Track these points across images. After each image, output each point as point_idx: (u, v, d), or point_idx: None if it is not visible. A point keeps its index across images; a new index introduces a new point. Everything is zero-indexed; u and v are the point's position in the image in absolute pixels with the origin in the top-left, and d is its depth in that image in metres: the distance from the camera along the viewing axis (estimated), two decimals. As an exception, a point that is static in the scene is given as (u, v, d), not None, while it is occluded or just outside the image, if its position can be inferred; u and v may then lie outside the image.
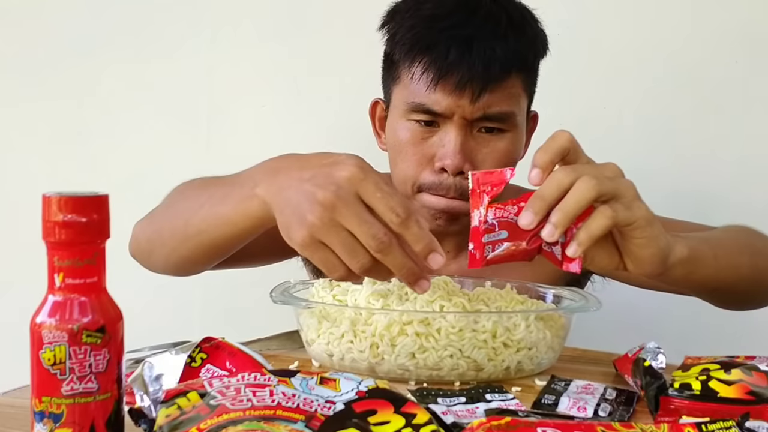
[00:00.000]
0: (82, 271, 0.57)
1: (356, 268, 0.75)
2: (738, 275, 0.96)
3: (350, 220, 0.73)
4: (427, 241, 0.74)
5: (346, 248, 0.74)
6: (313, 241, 0.75)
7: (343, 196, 0.73)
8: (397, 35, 1.09)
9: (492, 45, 1.04)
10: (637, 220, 0.76)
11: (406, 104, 1.07)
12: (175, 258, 1.00)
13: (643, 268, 0.80)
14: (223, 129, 1.69)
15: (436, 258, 0.75)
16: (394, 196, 0.74)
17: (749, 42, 1.47)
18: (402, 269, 0.75)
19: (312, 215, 0.74)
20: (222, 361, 0.70)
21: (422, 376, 0.85)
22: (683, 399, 0.72)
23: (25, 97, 1.77)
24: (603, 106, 1.53)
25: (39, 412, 0.57)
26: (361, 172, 0.74)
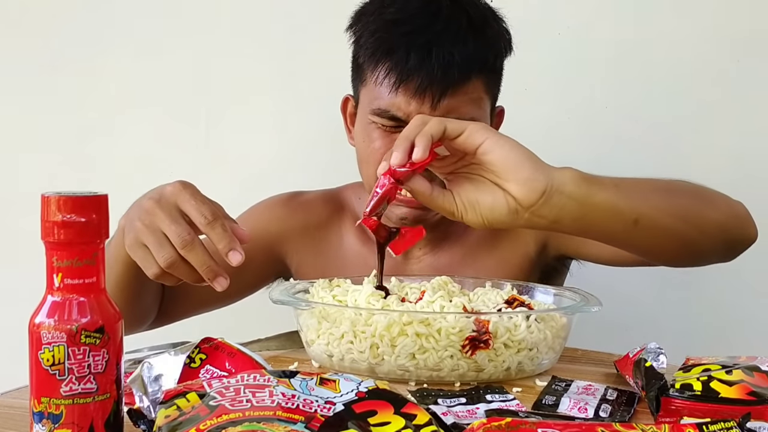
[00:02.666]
0: (81, 271, 0.57)
1: (162, 261, 0.85)
2: (655, 207, 0.92)
3: (164, 222, 0.86)
4: (228, 240, 0.85)
5: (156, 244, 0.86)
6: (136, 242, 0.88)
7: (162, 203, 0.87)
8: (362, 38, 1.11)
9: (451, 49, 1.04)
10: (468, 126, 0.82)
11: (371, 109, 1.09)
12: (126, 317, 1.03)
13: (520, 176, 0.81)
14: (222, 129, 1.69)
15: (236, 255, 0.84)
16: (206, 204, 0.87)
17: (749, 42, 1.47)
18: (203, 266, 0.85)
19: (138, 221, 0.88)
20: (221, 361, 0.70)
21: (422, 377, 0.85)
22: (684, 399, 0.72)
23: (25, 97, 1.77)
24: (604, 106, 1.52)
25: (38, 413, 0.57)
26: (181, 186, 0.88)
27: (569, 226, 0.86)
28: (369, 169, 1.11)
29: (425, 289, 0.94)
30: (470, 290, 1.01)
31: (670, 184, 0.97)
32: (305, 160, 1.65)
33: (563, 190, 0.83)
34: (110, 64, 1.72)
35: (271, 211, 1.26)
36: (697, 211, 0.97)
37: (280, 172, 1.64)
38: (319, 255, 1.24)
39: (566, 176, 0.83)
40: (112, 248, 0.96)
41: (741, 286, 1.52)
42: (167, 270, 0.86)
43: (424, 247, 1.21)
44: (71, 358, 0.56)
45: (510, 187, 0.82)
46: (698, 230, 0.96)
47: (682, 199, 0.97)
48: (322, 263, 1.22)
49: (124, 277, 0.99)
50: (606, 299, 0.93)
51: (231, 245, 0.84)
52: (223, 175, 1.67)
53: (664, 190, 0.95)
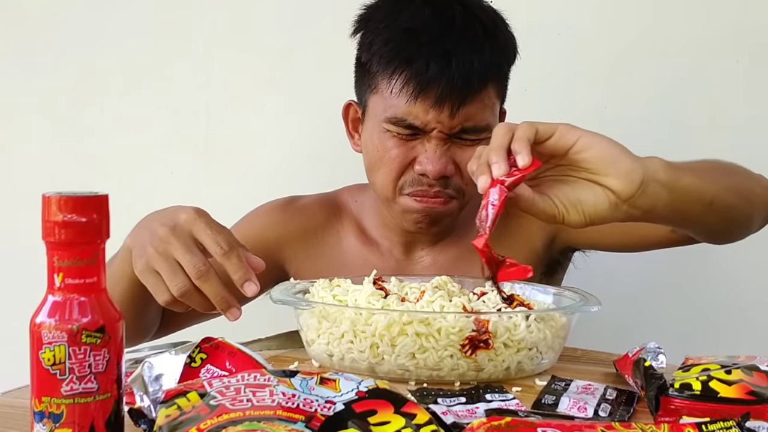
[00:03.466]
0: (81, 271, 0.57)
1: (175, 290, 0.86)
2: (723, 187, 0.93)
3: (178, 251, 0.86)
4: (244, 271, 0.86)
5: (169, 272, 0.86)
6: (148, 267, 0.88)
7: (177, 232, 0.87)
8: (374, 46, 1.09)
9: (470, 58, 1.05)
10: (558, 127, 0.82)
11: (386, 117, 1.08)
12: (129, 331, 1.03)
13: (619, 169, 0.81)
14: (222, 129, 1.69)
15: (251, 286, 0.86)
16: (222, 234, 0.87)
17: (749, 42, 1.47)
18: (217, 297, 0.86)
19: (151, 247, 0.87)
20: (222, 361, 0.70)
21: (422, 377, 0.85)
22: (683, 399, 0.72)
23: (25, 97, 1.77)
24: (604, 106, 1.53)
25: (39, 413, 0.57)
26: (195, 214, 0.88)
27: (661, 213, 0.86)
28: (383, 177, 1.11)
29: (425, 288, 0.94)
30: (470, 290, 1.01)
31: (724, 165, 1.00)
32: (305, 160, 1.65)
33: (657, 178, 0.83)
34: (110, 63, 1.72)
35: (269, 216, 1.26)
36: (749, 187, 1.00)
37: (279, 172, 1.64)
38: (318, 259, 1.23)
39: (657, 164, 0.84)
40: (117, 265, 0.97)
41: (741, 285, 1.52)
42: (179, 299, 0.86)
43: (426, 246, 1.21)
44: (72, 357, 0.56)
45: (609, 182, 0.81)
46: (751, 205, 1.00)
47: (738, 177, 1.00)
48: (321, 267, 1.22)
49: (128, 294, 0.99)
50: (606, 299, 0.93)
51: (247, 276, 0.85)
52: (223, 175, 1.67)
53: (724, 171, 0.98)
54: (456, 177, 1.09)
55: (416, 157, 1.08)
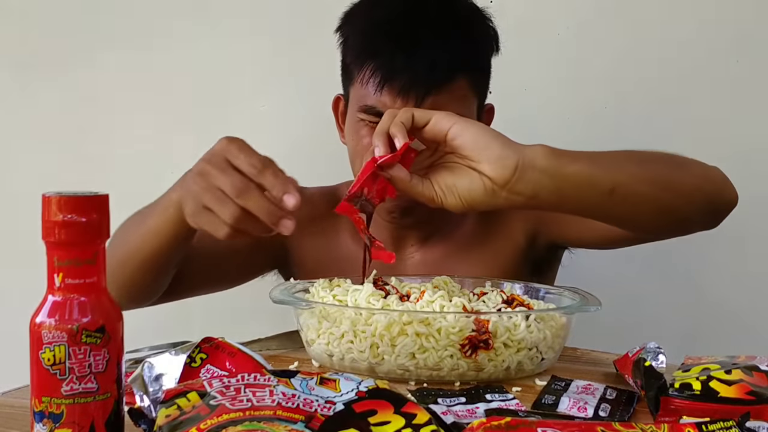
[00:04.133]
0: (81, 271, 0.57)
1: (227, 218, 0.84)
2: (629, 175, 0.93)
3: (217, 178, 0.84)
4: (281, 184, 0.83)
5: (217, 202, 0.84)
6: (197, 207, 0.87)
7: (213, 161, 0.86)
8: (349, 40, 1.14)
9: (435, 50, 1.06)
10: (434, 115, 0.86)
11: (358, 106, 1.11)
12: (123, 286, 1.05)
13: (491, 155, 0.84)
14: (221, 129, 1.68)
15: (291, 198, 0.83)
16: (255, 155, 0.85)
17: (749, 42, 1.47)
18: (262, 210, 0.83)
19: (194, 185, 0.87)
20: (222, 361, 0.70)
21: (422, 377, 0.85)
22: (683, 399, 0.72)
23: (25, 97, 1.77)
24: (604, 106, 1.53)
25: (39, 413, 0.57)
26: (228, 142, 0.87)
27: (546, 200, 0.88)
28: (358, 167, 1.12)
29: (425, 288, 0.94)
30: (470, 289, 1.01)
31: (643, 153, 0.98)
32: (304, 160, 1.64)
33: (535, 164, 0.85)
34: (110, 63, 1.72)
35: None
36: (672, 177, 0.98)
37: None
38: (318, 249, 1.24)
39: (536, 151, 0.86)
40: (153, 221, 0.98)
41: (741, 285, 1.52)
42: (236, 226, 0.84)
43: (415, 243, 1.22)
44: (72, 357, 0.56)
45: (483, 167, 0.85)
46: (674, 195, 0.97)
47: (656, 165, 0.97)
48: (319, 257, 1.23)
49: (159, 251, 1.00)
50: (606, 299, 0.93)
51: (284, 188, 0.83)
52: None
53: (638, 159, 0.96)
54: None
55: None
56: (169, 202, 0.95)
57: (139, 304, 1.11)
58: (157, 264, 1.04)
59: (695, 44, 1.48)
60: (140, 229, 1.02)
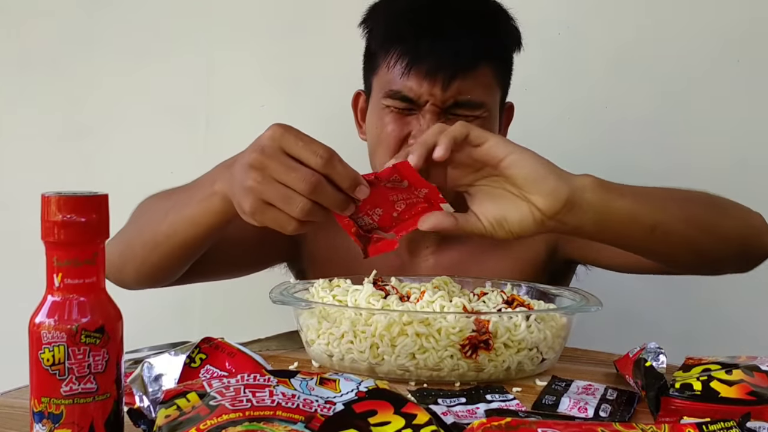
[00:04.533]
0: (81, 271, 0.57)
1: (297, 214, 0.81)
2: (671, 215, 0.94)
3: (279, 172, 0.81)
4: (353, 176, 0.81)
5: (283, 199, 0.81)
6: (258, 204, 0.83)
7: (268, 153, 0.81)
8: (374, 29, 1.15)
9: (461, 35, 1.08)
10: (491, 138, 0.83)
11: (383, 91, 1.11)
12: (147, 267, 1.06)
13: (545, 188, 0.83)
14: (221, 129, 1.68)
15: (362, 189, 0.82)
16: (315, 142, 0.82)
17: (749, 42, 1.47)
18: (336, 204, 0.82)
19: (250, 180, 0.82)
20: (221, 361, 0.70)
21: (422, 377, 0.85)
22: (684, 399, 0.72)
23: (25, 98, 1.77)
24: (604, 106, 1.52)
25: (38, 413, 0.57)
26: (280, 129, 0.82)
27: (590, 232, 0.88)
28: (381, 155, 1.12)
29: (425, 289, 0.94)
30: (470, 290, 1.01)
31: (687, 193, 0.99)
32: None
33: (584, 197, 0.84)
34: (110, 63, 1.72)
35: None
36: (713, 220, 0.99)
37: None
38: (329, 247, 1.23)
39: (586, 184, 0.85)
40: (191, 209, 0.96)
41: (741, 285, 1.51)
42: (304, 219, 0.82)
43: (431, 245, 1.21)
44: (71, 357, 0.56)
45: (535, 199, 0.83)
46: (713, 239, 0.98)
47: (698, 208, 0.98)
48: (330, 255, 1.22)
49: (193, 240, 0.99)
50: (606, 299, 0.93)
51: (357, 180, 0.81)
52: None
53: (681, 199, 0.97)
54: None
55: (410, 133, 1.10)
56: (211, 193, 0.93)
57: (158, 285, 1.10)
58: (189, 251, 1.03)
59: (695, 44, 1.48)
60: (175, 216, 1.00)
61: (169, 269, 1.07)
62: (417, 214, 0.86)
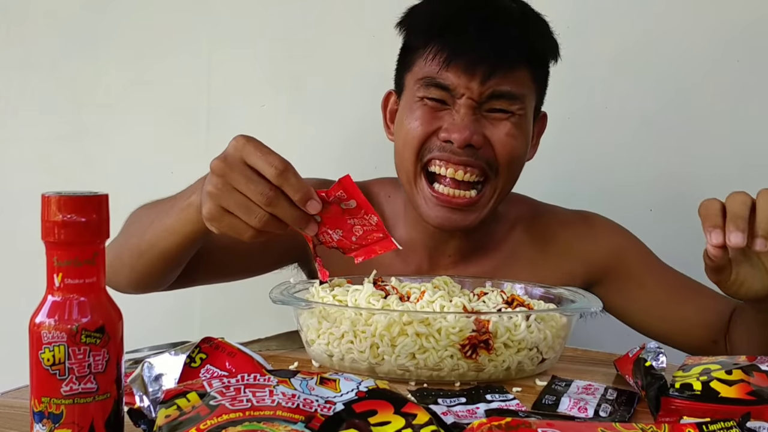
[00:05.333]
0: (81, 271, 0.57)
1: (255, 224, 0.83)
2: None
3: (238, 181, 0.83)
4: (305, 190, 0.83)
5: (241, 208, 0.84)
6: (216, 209, 0.85)
7: (230, 161, 0.84)
8: (413, 23, 1.13)
9: (505, 31, 1.07)
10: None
11: (418, 81, 1.09)
12: (136, 275, 1.08)
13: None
14: (222, 129, 1.68)
15: (313, 204, 0.83)
16: (273, 154, 0.84)
17: (749, 42, 1.47)
18: (292, 218, 0.84)
19: (210, 185, 0.85)
20: (221, 361, 0.70)
21: (422, 377, 0.85)
22: (684, 399, 0.72)
23: (26, 98, 1.77)
24: (604, 106, 1.52)
25: (38, 413, 0.57)
26: (243, 140, 0.85)
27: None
28: (409, 149, 1.10)
29: (425, 289, 0.94)
30: (470, 290, 1.01)
31: None
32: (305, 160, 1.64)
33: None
34: (110, 63, 1.72)
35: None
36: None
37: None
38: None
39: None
40: (170, 219, 0.99)
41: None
42: (262, 229, 0.84)
43: (453, 254, 1.18)
44: (71, 357, 0.56)
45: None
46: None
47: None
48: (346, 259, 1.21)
49: (175, 248, 1.01)
50: (606, 299, 0.94)
51: (309, 194, 0.83)
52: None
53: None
54: (486, 150, 1.08)
55: (442, 126, 1.09)
56: (188, 203, 0.96)
57: (151, 290, 1.13)
58: (171, 259, 1.05)
59: (695, 44, 1.48)
60: (157, 225, 1.02)
61: (156, 277, 1.08)
62: (374, 243, 0.89)
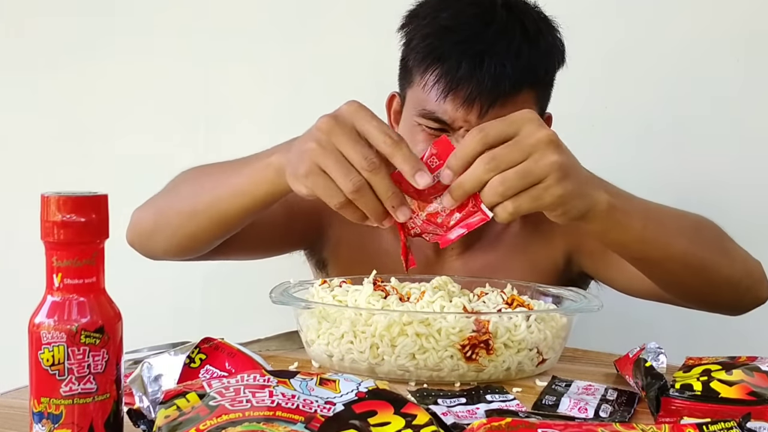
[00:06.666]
0: (80, 271, 0.57)
1: (349, 188, 0.79)
2: (666, 254, 0.96)
3: (345, 142, 0.80)
4: (416, 160, 0.79)
5: (340, 168, 0.80)
6: (314, 168, 0.81)
7: (340, 121, 0.81)
8: (413, 42, 1.10)
9: (503, 61, 1.04)
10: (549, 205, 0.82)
11: (417, 111, 1.08)
12: (179, 237, 1.04)
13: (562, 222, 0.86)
14: (221, 129, 1.69)
15: (423, 177, 0.79)
16: (387, 126, 0.81)
17: (749, 41, 1.47)
18: (388, 191, 0.80)
19: (312, 141, 0.81)
20: (221, 361, 0.70)
21: (422, 377, 0.85)
22: (684, 399, 0.72)
23: (25, 97, 1.77)
24: (604, 106, 1.52)
25: (38, 413, 0.57)
26: (356, 105, 0.82)
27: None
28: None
29: (425, 289, 0.94)
30: (470, 290, 1.01)
31: (697, 229, 1.02)
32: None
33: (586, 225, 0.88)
34: (110, 64, 1.72)
35: None
36: (714, 266, 1.02)
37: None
38: (356, 238, 1.22)
39: (595, 210, 0.87)
40: (241, 179, 0.95)
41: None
42: (352, 197, 0.80)
43: (457, 247, 1.19)
44: (71, 358, 0.56)
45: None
46: (710, 284, 1.03)
47: (703, 250, 1.01)
48: (356, 248, 1.21)
49: (236, 211, 0.98)
50: (606, 299, 0.94)
51: (418, 165, 0.79)
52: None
53: (690, 233, 1.00)
54: None
55: None
56: (267, 164, 0.92)
57: (186, 256, 1.09)
58: (229, 223, 1.00)
59: (695, 44, 1.48)
60: (221, 186, 0.99)
61: (203, 241, 1.05)
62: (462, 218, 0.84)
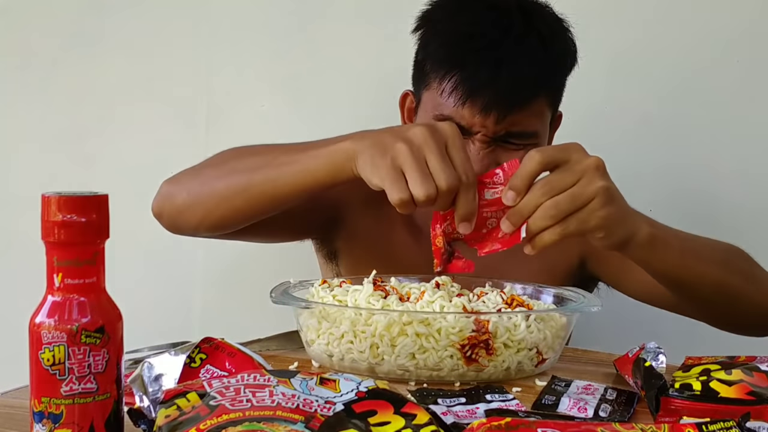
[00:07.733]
0: (81, 271, 0.57)
1: (421, 194, 0.83)
2: (702, 281, 1.01)
3: (435, 156, 0.84)
4: (473, 210, 0.86)
5: (420, 176, 0.83)
6: (395, 164, 0.85)
7: (436, 137, 0.85)
8: (430, 46, 1.11)
9: (522, 69, 1.05)
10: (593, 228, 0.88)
11: (434, 114, 1.09)
12: (222, 211, 1.04)
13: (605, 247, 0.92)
14: (222, 129, 1.68)
15: (467, 227, 0.86)
16: (470, 163, 0.86)
17: (749, 42, 1.47)
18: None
19: (402, 143, 0.85)
20: (221, 361, 0.70)
21: (422, 377, 0.85)
22: (684, 399, 0.72)
23: (25, 97, 1.77)
24: (604, 106, 1.52)
25: (38, 413, 0.57)
26: (456, 130, 0.87)
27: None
28: None
29: (425, 289, 0.94)
30: (470, 290, 1.01)
31: (728, 258, 1.06)
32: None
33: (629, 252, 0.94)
34: (110, 63, 1.72)
35: None
36: (744, 292, 1.06)
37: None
38: (370, 231, 1.22)
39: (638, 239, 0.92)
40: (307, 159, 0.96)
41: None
42: (420, 202, 0.84)
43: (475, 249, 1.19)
44: (71, 357, 0.56)
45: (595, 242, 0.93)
46: (740, 309, 1.07)
47: (734, 278, 1.05)
48: (371, 240, 1.22)
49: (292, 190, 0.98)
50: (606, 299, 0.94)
51: (469, 216, 0.85)
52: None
53: (722, 266, 1.04)
54: None
55: None
56: (336, 148, 0.93)
57: (217, 232, 1.09)
58: (284, 199, 1.01)
59: (695, 44, 1.48)
60: (285, 162, 0.99)
61: (246, 216, 1.05)
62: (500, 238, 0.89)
